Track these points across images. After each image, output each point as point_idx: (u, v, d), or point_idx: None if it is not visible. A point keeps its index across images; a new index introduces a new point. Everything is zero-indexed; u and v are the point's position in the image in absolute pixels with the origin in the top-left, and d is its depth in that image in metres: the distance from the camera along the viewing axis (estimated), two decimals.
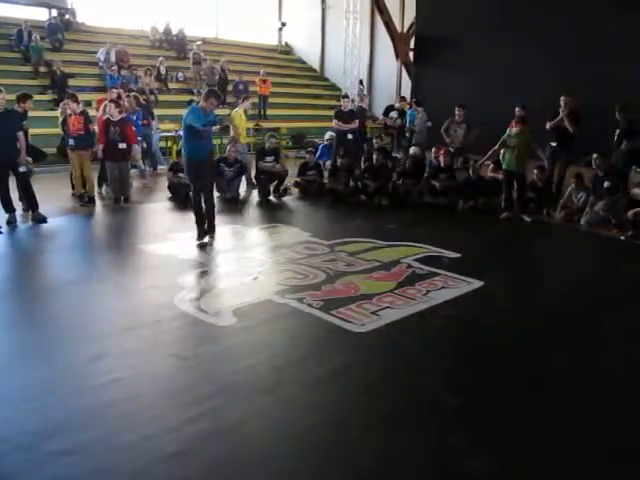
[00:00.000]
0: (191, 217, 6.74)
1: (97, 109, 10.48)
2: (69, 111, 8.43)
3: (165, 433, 2.97)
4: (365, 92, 19.70)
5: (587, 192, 8.10)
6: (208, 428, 3.03)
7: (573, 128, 9.09)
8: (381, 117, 11.85)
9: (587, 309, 4.94)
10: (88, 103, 11.32)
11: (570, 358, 3.97)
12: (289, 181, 9.94)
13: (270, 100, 17.87)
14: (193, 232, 6.61)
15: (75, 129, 8.30)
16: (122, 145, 8.51)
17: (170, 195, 9.19)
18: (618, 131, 8.50)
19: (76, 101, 8.31)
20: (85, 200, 8.54)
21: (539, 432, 3.05)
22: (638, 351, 4.12)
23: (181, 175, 9.01)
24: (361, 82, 19.63)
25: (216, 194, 7.75)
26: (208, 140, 6.62)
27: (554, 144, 9.29)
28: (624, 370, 3.84)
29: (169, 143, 13.46)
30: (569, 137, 9.12)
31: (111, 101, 8.86)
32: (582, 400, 3.42)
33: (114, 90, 10.02)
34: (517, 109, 9.30)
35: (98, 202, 8.73)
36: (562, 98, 9.30)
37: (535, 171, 8.59)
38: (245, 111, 10.44)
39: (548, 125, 9.35)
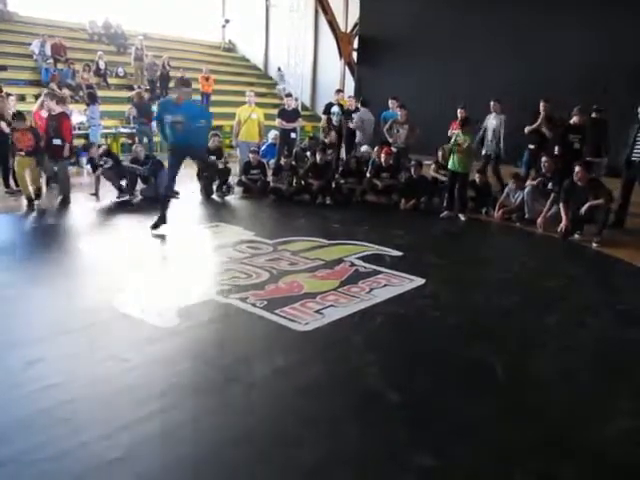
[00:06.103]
0: (125, 215, 6.55)
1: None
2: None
3: (104, 439, 2.88)
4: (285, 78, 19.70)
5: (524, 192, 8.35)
6: (149, 432, 2.96)
7: (549, 132, 9.32)
8: (323, 116, 11.67)
9: (525, 306, 5.08)
10: (22, 97, 10.92)
11: (509, 355, 4.08)
12: (232, 180, 9.87)
13: (213, 98, 17.66)
14: (132, 231, 6.45)
15: (26, 145, 8.08)
16: (56, 141, 8.19)
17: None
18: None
19: (23, 118, 8.18)
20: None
21: (477, 428, 3.12)
22: (574, 347, 4.27)
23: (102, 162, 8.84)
24: (279, 69, 19.59)
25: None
26: (197, 130, 6.66)
27: (532, 147, 9.55)
28: (559, 365, 3.96)
29: (109, 140, 13.10)
30: (547, 140, 9.32)
31: (47, 94, 8.56)
32: (518, 396, 3.52)
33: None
34: (459, 110, 9.52)
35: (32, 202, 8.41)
36: (541, 103, 9.51)
37: (477, 175, 8.83)
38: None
39: (526, 129, 9.57)
